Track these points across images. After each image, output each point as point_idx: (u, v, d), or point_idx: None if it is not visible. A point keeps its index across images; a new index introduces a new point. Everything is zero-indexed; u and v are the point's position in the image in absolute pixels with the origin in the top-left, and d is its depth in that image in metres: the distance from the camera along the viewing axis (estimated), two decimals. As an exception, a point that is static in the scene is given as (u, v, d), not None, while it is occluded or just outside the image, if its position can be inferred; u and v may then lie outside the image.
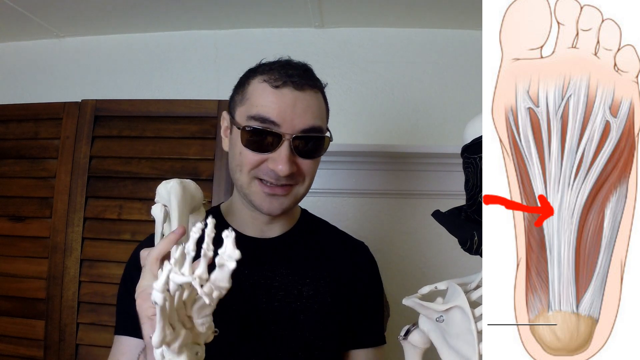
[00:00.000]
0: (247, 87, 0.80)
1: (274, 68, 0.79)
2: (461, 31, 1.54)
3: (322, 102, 0.83)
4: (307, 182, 0.82)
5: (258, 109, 0.76)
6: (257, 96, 0.77)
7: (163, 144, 1.43)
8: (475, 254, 0.57)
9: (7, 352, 1.40)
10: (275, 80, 0.77)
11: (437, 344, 0.58)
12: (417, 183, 1.45)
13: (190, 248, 0.47)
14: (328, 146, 0.83)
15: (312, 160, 0.80)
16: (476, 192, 0.62)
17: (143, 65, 1.64)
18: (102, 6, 1.46)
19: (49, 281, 1.40)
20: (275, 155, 0.76)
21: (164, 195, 0.72)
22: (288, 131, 0.76)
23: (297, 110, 0.76)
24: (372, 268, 0.92)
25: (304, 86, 0.78)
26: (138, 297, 0.60)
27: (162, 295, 0.45)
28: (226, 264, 0.47)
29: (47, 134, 1.49)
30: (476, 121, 0.63)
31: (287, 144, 0.76)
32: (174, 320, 0.50)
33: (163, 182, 0.73)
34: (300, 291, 0.81)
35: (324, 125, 0.82)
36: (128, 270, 0.83)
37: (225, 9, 1.48)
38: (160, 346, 0.49)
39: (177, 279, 0.46)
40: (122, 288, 0.83)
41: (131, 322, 0.76)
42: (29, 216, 1.46)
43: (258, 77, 0.79)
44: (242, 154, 0.78)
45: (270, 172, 0.77)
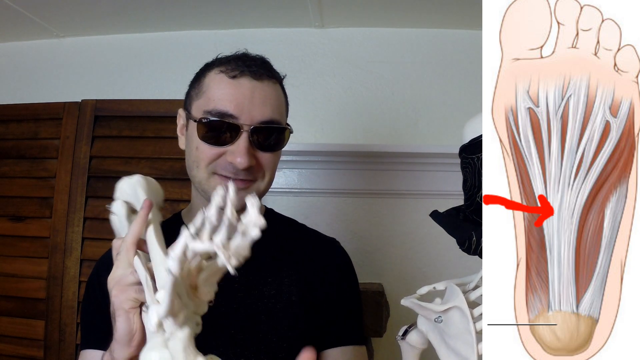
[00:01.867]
0: (203, 79, 0.78)
1: (231, 60, 0.77)
2: (461, 31, 1.54)
3: (281, 94, 0.80)
4: (268, 177, 0.78)
5: (215, 103, 0.73)
6: (213, 88, 0.75)
7: (163, 144, 1.43)
8: (473, 254, 0.57)
9: (7, 352, 1.40)
10: (232, 70, 0.75)
11: (436, 345, 0.58)
12: (417, 183, 1.45)
13: (212, 214, 0.44)
14: (288, 139, 0.79)
15: (272, 154, 0.77)
16: (474, 192, 0.62)
17: (143, 65, 1.64)
18: (102, 6, 1.46)
19: (49, 281, 1.40)
20: (233, 147, 0.73)
21: (128, 190, 0.67)
22: (246, 122, 0.73)
23: (255, 100, 0.74)
24: (344, 264, 0.88)
25: (262, 76, 0.75)
26: (113, 289, 0.55)
27: (178, 264, 0.43)
28: (249, 232, 0.45)
29: (47, 134, 1.49)
30: (474, 121, 0.63)
31: (246, 136, 0.73)
32: (181, 290, 0.48)
33: (125, 178, 0.69)
34: (262, 291, 0.77)
35: (283, 119, 0.79)
36: (91, 284, 0.80)
37: (225, 9, 1.48)
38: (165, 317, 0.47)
39: (197, 247, 0.44)
40: (85, 302, 0.80)
41: (98, 335, 0.73)
42: (29, 216, 1.46)
43: (214, 69, 0.77)
44: (198, 148, 0.75)
45: (228, 166, 0.74)
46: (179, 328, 0.48)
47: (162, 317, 0.46)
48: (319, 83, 1.57)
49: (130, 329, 0.54)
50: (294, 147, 1.41)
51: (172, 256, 0.43)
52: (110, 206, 0.67)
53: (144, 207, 0.59)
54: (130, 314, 0.54)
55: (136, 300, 0.54)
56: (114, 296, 0.55)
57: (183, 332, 0.48)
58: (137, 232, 0.57)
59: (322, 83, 1.57)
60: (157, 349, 0.48)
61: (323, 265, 0.84)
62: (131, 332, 0.54)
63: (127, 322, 0.53)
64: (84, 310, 0.81)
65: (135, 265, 0.55)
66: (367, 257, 1.47)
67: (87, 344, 0.76)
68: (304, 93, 1.57)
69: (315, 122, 1.56)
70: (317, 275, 0.82)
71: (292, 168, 1.48)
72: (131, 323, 0.54)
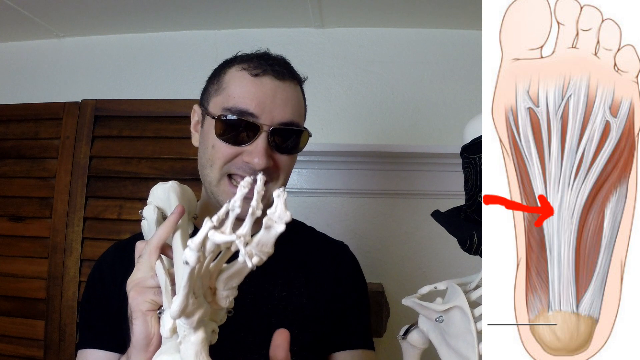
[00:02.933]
0: (223, 76, 0.75)
1: (253, 57, 0.75)
2: (461, 31, 1.54)
3: (301, 96, 0.79)
4: (282, 179, 0.76)
5: (235, 100, 0.71)
6: (234, 85, 0.72)
7: (163, 144, 1.43)
8: (474, 254, 0.57)
9: (7, 352, 1.40)
10: (255, 68, 0.72)
11: (437, 344, 0.58)
12: (417, 183, 1.45)
13: (237, 204, 0.41)
14: (307, 142, 0.78)
15: (289, 157, 0.75)
16: (475, 192, 0.62)
17: (143, 65, 1.64)
18: (102, 6, 1.46)
19: (49, 281, 1.40)
20: (251, 147, 0.70)
21: (161, 196, 0.66)
22: (266, 122, 0.71)
23: (277, 101, 0.72)
24: (353, 268, 0.87)
25: (285, 76, 0.74)
26: (132, 290, 0.54)
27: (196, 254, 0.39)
28: (274, 226, 0.41)
29: (47, 134, 1.49)
30: (475, 121, 0.63)
31: (265, 136, 0.70)
32: (198, 289, 0.44)
33: (160, 183, 0.67)
34: (271, 293, 0.75)
35: (302, 121, 0.78)
36: (92, 282, 0.79)
37: (225, 9, 1.48)
38: (179, 316, 0.43)
39: (217, 238, 0.40)
40: (85, 301, 0.79)
41: (98, 333, 0.72)
42: (29, 216, 1.46)
43: (236, 66, 0.75)
44: (215, 146, 0.72)
45: (244, 166, 0.71)
46: (193, 331, 0.45)
47: (177, 312, 0.43)
48: (319, 83, 1.57)
49: (147, 332, 0.52)
50: (294, 147, 1.41)
51: (191, 246, 0.40)
52: (142, 211, 0.65)
53: (175, 213, 0.57)
54: (147, 316, 0.52)
55: (154, 303, 0.52)
56: (132, 298, 0.53)
57: (197, 335, 0.45)
58: (163, 236, 0.55)
59: (322, 83, 1.57)
60: (169, 352, 0.46)
61: (333, 269, 0.83)
62: (148, 336, 0.52)
63: (145, 325, 0.52)
64: (83, 309, 0.80)
65: (157, 270, 0.53)
66: (367, 257, 1.47)
67: (85, 343, 0.75)
68: (304, 93, 1.57)
69: (315, 122, 1.56)
70: (327, 279, 0.81)
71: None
72: (149, 326, 0.52)
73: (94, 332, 0.74)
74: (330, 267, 0.83)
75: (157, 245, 0.54)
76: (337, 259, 0.86)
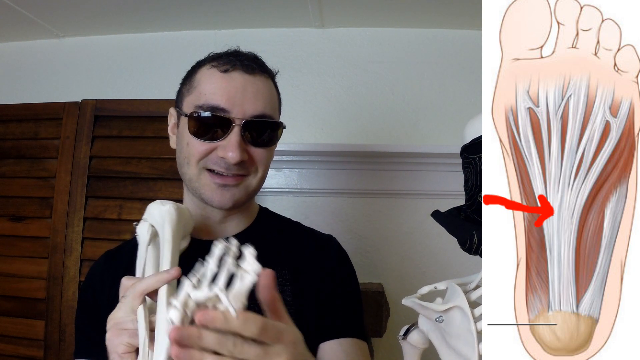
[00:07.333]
0: (194, 76, 0.77)
1: (222, 55, 0.77)
2: (461, 31, 1.54)
3: (273, 89, 0.79)
4: (260, 173, 0.77)
5: (206, 97, 0.72)
6: (204, 82, 0.74)
7: (163, 144, 1.43)
8: (474, 254, 0.57)
9: (7, 352, 1.40)
10: (224, 65, 0.74)
11: (437, 344, 0.58)
12: (417, 183, 1.45)
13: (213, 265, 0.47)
14: (281, 135, 0.78)
15: (264, 149, 0.76)
16: (475, 192, 0.62)
17: (143, 65, 1.64)
18: (102, 6, 1.46)
19: (49, 281, 1.40)
20: (224, 142, 0.71)
21: (157, 217, 0.65)
22: (238, 116, 0.71)
23: (247, 94, 0.73)
24: (339, 259, 0.86)
25: (254, 70, 0.74)
26: (109, 330, 0.55)
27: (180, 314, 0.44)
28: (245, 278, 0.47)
29: (47, 134, 1.49)
30: (475, 121, 0.63)
31: (238, 130, 0.71)
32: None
33: (157, 203, 0.67)
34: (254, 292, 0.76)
35: (275, 114, 0.78)
36: (84, 295, 0.79)
37: (225, 9, 1.48)
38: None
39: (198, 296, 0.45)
40: (79, 311, 0.79)
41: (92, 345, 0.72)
42: (29, 216, 1.46)
43: (206, 65, 0.76)
44: (189, 144, 0.74)
45: (220, 161, 0.72)
46: None
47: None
48: (319, 83, 1.57)
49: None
50: (293, 147, 1.41)
51: (175, 305, 0.44)
52: (136, 225, 0.66)
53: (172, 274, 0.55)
54: (123, 358, 0.53)
55: (130, 345, 0.53)
56: (108, 339, 0.55)
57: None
58: (151, 287, 0.55)
59: (322, 83, 1.57)
60: None
61: (317, 261, 0.82)
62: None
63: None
64: (78, 318, 0.80)
65: (138, 314, 0.54)
66: (367, 257, 1.47)
67: (79, 353, 0.75)
68: (304, 93, 1.57)
69: (315, 122, 1.56)
70: (312, 273, 0.80)
71: (292, 168, 1.48)
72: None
73: (88, 343, 0.74)
74: (316, 261, 0.82)
75: (141, 293, 0.54)
76: (322, 251, 0.85)
